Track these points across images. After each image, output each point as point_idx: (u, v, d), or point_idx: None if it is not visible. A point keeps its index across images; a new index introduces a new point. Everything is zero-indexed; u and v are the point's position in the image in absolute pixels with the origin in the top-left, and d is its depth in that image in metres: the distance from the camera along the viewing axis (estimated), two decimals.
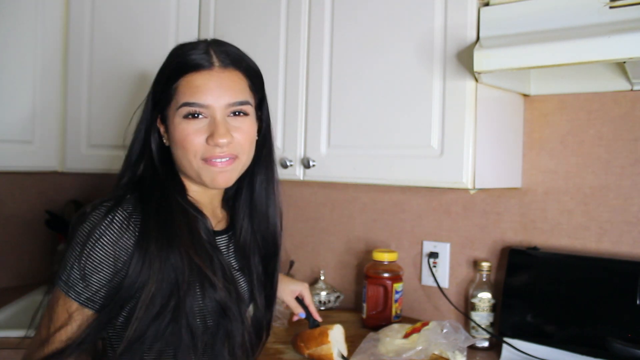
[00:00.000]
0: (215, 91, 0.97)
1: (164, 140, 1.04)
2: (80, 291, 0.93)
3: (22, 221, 2.13)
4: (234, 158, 1.00)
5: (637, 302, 1.28)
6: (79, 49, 1.93)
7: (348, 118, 1.50)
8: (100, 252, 0.92)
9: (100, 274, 0.93)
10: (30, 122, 1.86)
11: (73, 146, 1.94)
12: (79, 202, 2.20)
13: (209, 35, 1.81)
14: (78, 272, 0.92)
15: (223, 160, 0.99)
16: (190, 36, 1.82)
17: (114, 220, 0.93)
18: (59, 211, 2.17)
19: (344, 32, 1.52)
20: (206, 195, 1.08)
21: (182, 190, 1.04)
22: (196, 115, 0.97)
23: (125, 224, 0.93)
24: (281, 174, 1.62)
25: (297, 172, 1.60)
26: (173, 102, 0.99)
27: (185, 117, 0.97)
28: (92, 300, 0.94)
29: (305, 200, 2.01)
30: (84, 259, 0.92)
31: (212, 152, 0.97)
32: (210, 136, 0.96)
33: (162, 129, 1.04)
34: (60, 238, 2.12)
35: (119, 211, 0.94)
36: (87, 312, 0.94)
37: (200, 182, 1.02)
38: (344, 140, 1.51)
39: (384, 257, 1.63)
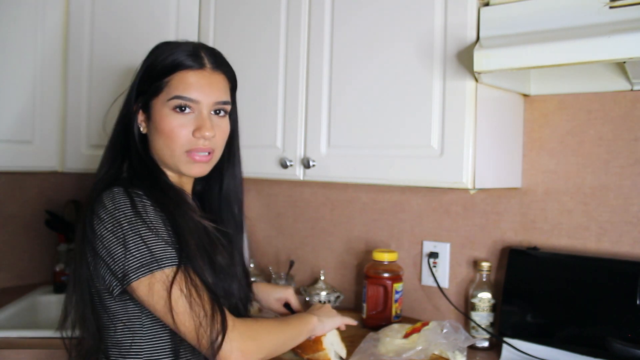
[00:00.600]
0: (205, 89, 1.06)
1: (141, 129, 1.11)
2: (173, 255, 0.96)
3: (22, 221, 2.13)
4: (211, 152, 1.10)
5: (637, 302, 1.28)
6: (79, 49, 1.93)
7: (348, 118, 1.50)
8: (155, 215, 0.98)
9: (167, 232, 0.98)
10: (30, 122, 1.86)
11: (73, 146, 1.94)
12: (79, 202, 2.20)
13: (209, 34, 1.82)
14: (156, 241, 0.95)
15: (203, 154, 1.08)
16: (190, 36, 1.83)
17: (140, 194, 0.99)
18: (59, 211, 2.17)
19: (344, 32, 1.52)
20: (180, 181, 1.15)
21: (164, 173, 1.12)
22: (184, 108, 1.05)
23: (146, 200, 1.00)
24: (281, 174, 1.62)
25: (297, 172, 1.60)
26: (162, 93, 1.06)
27: (174, 109, 1.05)
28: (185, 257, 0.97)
29: (305, 200, 2.01)
30: (150, 228, 0.96)
31: (196, 144, 1.06)
32: (198, 129, 1.05)
33: (141, 118, 1.11)
34: (60, 238, 2.12)
35: (136, 191, 1.00)
36: (189, 270, 0.97)
37: (177, 170, 1.10)
38: (344, 140, 1.51)
39: (384, 257, 1.63)
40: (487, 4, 1.29)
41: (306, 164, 1.56)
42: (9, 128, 1.81)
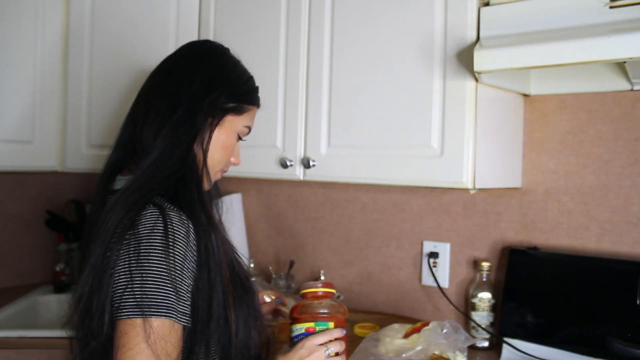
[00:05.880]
0: None
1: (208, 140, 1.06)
2: (179, 308, 0.88)
3: (22, 221, 2.13)
4: None
5: (637, 302, 1.28)
6: (79, 48, 1.93)
7: (348, 118, 1.50)
8: (180, 257, 0.89)
9: (187, 280, 0.90)
10: (30, 122, 1.86)
11: (73, 146, 1.94)
12: (79, 202, 2.20)
13: (209, 35, 1.81)
14: (171, 286, 0.87)
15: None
16: (190, 36, 1.82)
17: (174, 222, 0.90)
18: (59, 211, 2.17)
19: (344, 32, 1.52)
20: None
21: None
22: (241, 138, 1.12)
23: (184, 223, 0.92)
24: (281, 174, 1.62)
25: (297, 172, 1.60)
26: (241, 117, 1.09)
27: (238, 134, 1.10)
28: (185, 314, 0.89)
29: (305, 200, 2.01)
30: (172, 270, 0.87)
31: (227, 166, 1.13)
32: (235, 157, 1.13)
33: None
34: (61, 238, 2.12)
35: (171, 213, 0.91)
36: (180, 330, 0.89)
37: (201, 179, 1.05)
38: (344, 140, 1.51)
39: None
40: (487, 4, 1.29)
41: (306, 164, 1.56)
42: (9, 128, 1.81)
